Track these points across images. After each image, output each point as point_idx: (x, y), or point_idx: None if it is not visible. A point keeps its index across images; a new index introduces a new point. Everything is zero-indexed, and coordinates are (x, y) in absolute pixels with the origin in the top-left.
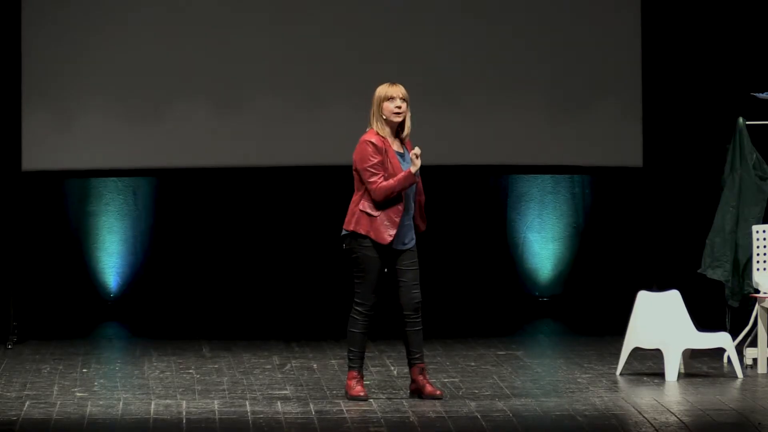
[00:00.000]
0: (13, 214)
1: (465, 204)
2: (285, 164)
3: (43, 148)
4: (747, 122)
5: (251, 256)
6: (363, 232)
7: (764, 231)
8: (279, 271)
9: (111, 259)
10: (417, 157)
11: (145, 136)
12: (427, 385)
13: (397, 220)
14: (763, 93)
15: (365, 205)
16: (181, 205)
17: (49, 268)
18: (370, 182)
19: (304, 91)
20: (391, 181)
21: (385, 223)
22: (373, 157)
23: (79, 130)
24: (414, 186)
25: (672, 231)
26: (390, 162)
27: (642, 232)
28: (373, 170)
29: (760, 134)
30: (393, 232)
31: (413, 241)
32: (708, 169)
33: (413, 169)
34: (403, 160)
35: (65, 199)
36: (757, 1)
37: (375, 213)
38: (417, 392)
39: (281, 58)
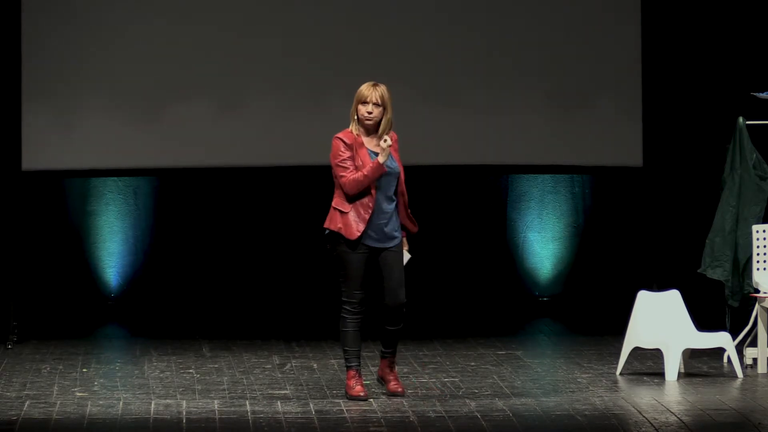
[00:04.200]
0: (13, 214)
1: (465, 204)
2: (285, 164)
3: (43, 148)
4: (747, 122)
5: (251, 256)
6: (335, 229)
7: (764, 231)
8: (279, 270)
9: (111, 259)
10: (385, 142)
11: (145, 136)
12: (392, 380)
13: (366, 216)
14: (763, 93)
15: (337, 202)
16: (181, 205)
17: (49, 267)
18: (340, 176)
19: (304, 90)
20: (359, 173)
21: (355, 219)
22: (341, 152)
23: (79, 130)
24: (390, 184)
25: (672, 231)
26: (360, 159)
27: (642, 232)
28: (342, 165)
29: (760, 134)
30: (362, 227)
31: (397, 240)
32: (708, 169)
33: (381, 159)
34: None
35: (65, 198)
36: (757, 1)
37: (345, 209)
38: (381, 380)
39: (281, 58)
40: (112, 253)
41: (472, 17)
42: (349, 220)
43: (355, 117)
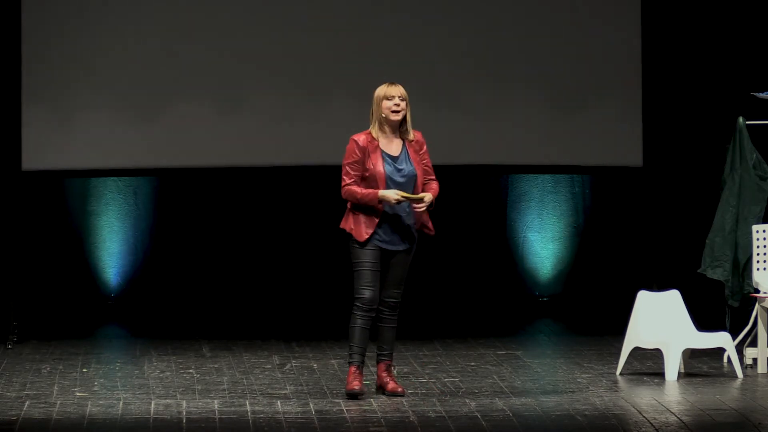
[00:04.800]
0: (13, 214)
1: (465, 204)
2: (285, 164)
3: (43, 148)
4: (747, 122)
5: (251, 256)
6: (348, 230)
7: (764, 231)
8: (279, 270)
9: (111, 259)
10: (399, 199)
11: (146, 136)
12: (391, 382)
13: (376, 219)
14: (763, 93)
15: (350, 203)
16: (181, 205)
17: (49, 268)
18: (343, 179)
19: (304, 90)
20: (358, 189)
21: (365, 221)
22: (352, 155)
23: (79, 130)
24: (404, 188)
25: (672, 231)
26: (372, 163)
27: (642, 232)
28: (348, 169)
29: (760, 134)
30: (370, 231)
31: (408, 242)
32: (708, 169)
33: (380, 194)
34: (395, 163)
35: (66, 198)
36: (757, 1)
37: (357, 211)
38: (381, 388)
39: (281, 57)
40: (112, 253)
41: (472, 17)
42: (360, 221)
43: (380, 116)
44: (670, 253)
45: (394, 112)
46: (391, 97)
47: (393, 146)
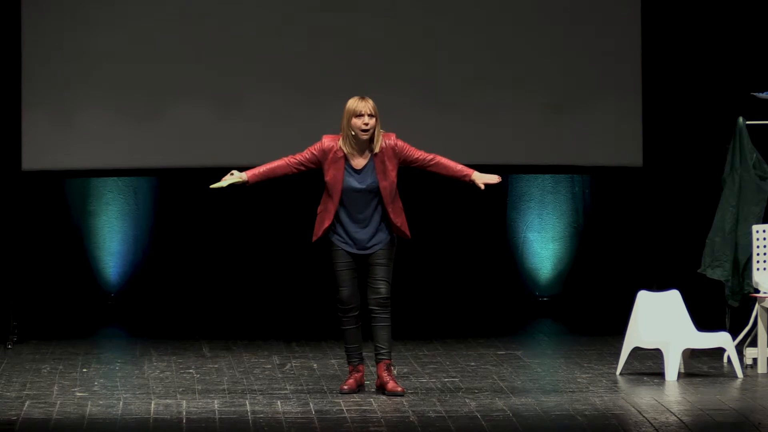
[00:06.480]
0: (13, 214)
1: (465, 204)
2: None
3: (43, 148)
4: (747, 122)
5: (251, 256)
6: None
7: (764, 231)
8: (279, 271)
9: (111, 259)
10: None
11: (146, 135)
12: (390, 381)
13: (327, 222)
14: (763, 93)
15: (321, 200)
16: (181, 205)
17: (49, 267)
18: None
19: (304, 90)
20: (273, 163)
21: (320, 221)
22: (312, 149)
23: (79, 130)
24: (356, 200)
25: (672, 231)
26: (332, 172)
27: (642, 232)
28: (302, 153)
29: (760, 134)
30: (320, 233)
31: (380, 244)
32: (708, 169)
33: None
34: (358, 175)
35: (66, 198)
36: (757, 1)
37: (319, 210)
38: (381, 388)
39: (281, 57)
40: (113, 253)
41: (472, 17)
42: (317, 221)
43: (350, 133)
44: (670, 253)
45: (362, 130)
46: (360, 114)
47: (359, 159)
